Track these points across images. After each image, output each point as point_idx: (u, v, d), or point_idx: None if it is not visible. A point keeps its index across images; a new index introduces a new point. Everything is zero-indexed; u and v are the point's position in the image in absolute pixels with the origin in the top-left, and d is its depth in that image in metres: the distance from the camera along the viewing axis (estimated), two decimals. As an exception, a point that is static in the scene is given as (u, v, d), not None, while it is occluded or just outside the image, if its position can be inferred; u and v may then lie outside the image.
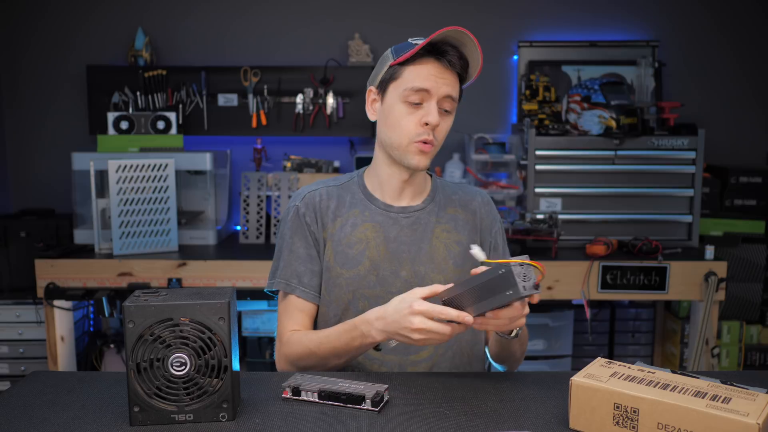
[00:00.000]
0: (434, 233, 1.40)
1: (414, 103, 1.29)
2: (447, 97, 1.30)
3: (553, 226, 2.62)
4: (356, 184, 1.43)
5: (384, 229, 1.38)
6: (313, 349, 1.30)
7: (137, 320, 1.01)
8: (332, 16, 3.27)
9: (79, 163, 2.79)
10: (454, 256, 1.39)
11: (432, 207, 1.42)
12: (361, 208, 1.40)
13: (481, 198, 1.48)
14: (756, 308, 3.00)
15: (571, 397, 1.02)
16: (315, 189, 1.43)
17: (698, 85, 3.31)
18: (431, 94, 1.28)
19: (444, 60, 1.28)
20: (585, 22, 3.28)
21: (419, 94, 1.28)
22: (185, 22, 3.26)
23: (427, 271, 1.37)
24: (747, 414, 0.89)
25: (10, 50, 3.26)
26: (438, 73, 1.28)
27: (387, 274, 1.36)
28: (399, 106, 1.31)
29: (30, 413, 1.08)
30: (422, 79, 1.28)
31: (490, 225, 1.47)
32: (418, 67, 1.29)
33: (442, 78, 1.28)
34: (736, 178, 3.06)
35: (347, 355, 1.29)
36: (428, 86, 1.28)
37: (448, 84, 1.29)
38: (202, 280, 2.59)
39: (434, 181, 1.47)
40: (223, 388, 1.04)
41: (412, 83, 1.29)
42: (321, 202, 1.40)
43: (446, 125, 1.33)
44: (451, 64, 1.28)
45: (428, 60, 1.28)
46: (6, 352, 2.80)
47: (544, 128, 2.87)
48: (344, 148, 3.31)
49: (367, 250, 1.36)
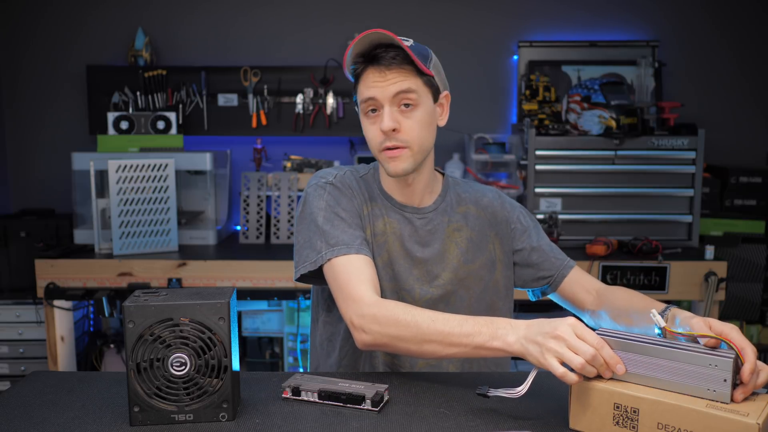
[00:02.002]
0: (446, 233, 1.40)
1: (371, 111, 1.30)
2: (398, 95, 1.27)
3: (553, 226, 2.62)
4: (372, 178, 1.42)
5: (400, 227, 1.38)
6: (420, 322, 1.14)
7: (137, 320, 1.01)
8: (332, 17, 3.27)
9: (79, 163, 2.79)
10: (464, 253, 1.39)
11: (443, 207, 1.42)
12: (380, 201, 1.39)
13: (491, 193, 1.47)
14: (756, 308, 3.00)
15: (571, 397, 1.02)
16: (343, 173, 1.40)
17: (698, 85, 3.31)
18: (378, 99, 1.28)
19: (378, 64, 1.27)
20: (585, 22, 3.28)
21: (369, 103, 1.29)
22: (185, 22, 3.26)
23: (438, 271, 1.37)
24: (747, 414, 0.89)
25: (10, 50, 3.26)
26: (377, 78, 1.27)
27: (401, 270, 1.36)
28: (363, 119, 1.33)
29: (30, 413, 1.08)
30: (367, 89, 1.28)
31: (507, 215, 1.44)
32: (363, 80, 1.30)
33: (383, 81, 1.27)
34: (736, 178, 3.06)
35: (458, 347, 1.12)
36: (372, 94, 1.27)
37: (393, 82, 1.27)
38: (202, 280, 2.59)
39: (446, 180, 1.46)
40: (223, 388, 1.04)
41: (361, 95, 1.30)
42: (353, 184, 1.38)
43: (412, 122, 1.29)
44: (386, 66, 1.26)
45: (367, 69, 1.29)
46: (6, 352, 2.80)
47: (544, 128, 2.87)
48: (344, 148, 3.31)
49: (386, 244, 1.36)
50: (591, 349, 0.98)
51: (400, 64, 1.27)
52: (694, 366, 0.95)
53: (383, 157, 1.31)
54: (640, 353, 0.99)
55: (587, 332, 1.01)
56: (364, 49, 1.28)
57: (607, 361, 0.99)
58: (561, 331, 1.01)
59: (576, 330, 1.01)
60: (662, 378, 0.97)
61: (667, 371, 0.97)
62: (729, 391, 0.92)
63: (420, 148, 1.31)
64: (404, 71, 1.27)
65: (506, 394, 1.05)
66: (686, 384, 0.95)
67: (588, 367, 0.98)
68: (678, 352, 0.96)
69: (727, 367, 0.92)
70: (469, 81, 3.23)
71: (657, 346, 0.98)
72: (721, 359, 0.93)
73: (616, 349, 1.01)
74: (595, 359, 0.98)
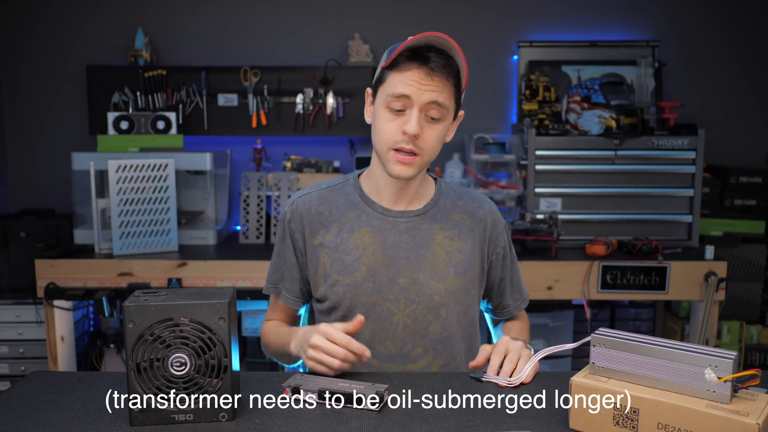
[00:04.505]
0: (435, 239, 1.36)
1: (396, 109, 1.26)
2: (432, 104, 1.24)
3: (553, 226, 2.62)
4: (351, 186, 1.40)
5: (382, 234, 1.35)
6: (269, 342, 1.42)
7: (137, 320, 1.01)
8: (332, 16, 3.27)
9: (79, 163, 2.79)
10: (456, 265, 1.36)
11: (434, 212, 1.39)
12: (358, 212, 1.37)
13: (488, 206, 1.44)
14: (756, 308, 3.00)
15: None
16: (306, 194, 1.41)
17: (698, 85, 3.31)
18: (412, 100, 1.24)
19: (426, 66, 1.23)
20: (585, 22, 3.28)
21: (401, 100, 1.25)
22: (185, 22, 3.26)
23: (426, 278, 1.34)
24: (747, 414, 0.89)
25: (10, 50, 3.26)
26: (420, 79, 1.23)
27: (384, 281, 1.34)
28: (383, 112, 1.28)
29: (30, 413, 1.08)
30: (403, 85, 1.24)
31: (496, 237, 1.44)
32: (400, 73, 1.25)
33: (425, 84, 1.23)
34: (736, 178, 3.06)
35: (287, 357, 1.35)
36: (409, 92, 1.24)
37: (433, 90, 1.24)
38: (202, 280, 2.59)
39: (438, 185, 1.43)
40: (223, 388, 1.04)
41: (394, 89, 1.25)
42: (311, 209, 1.38)
43: (433, 134, 1.27)
44: (433, 70, 1.23)
45: (411, 65, 1.24)
46: (6, 352, 2.80)
47: (544, 128, 2.87)
48: (344, 148, 3.31)
49: (363, 257, 1.34)
50: (341, 350, 1.16)
51: (446, 74, 1.24)
52: (694, 366, 0.95)
53: (391, 157, 1.28)
54: (640, 353, 0.99)
55: (336, 334, 1.17)
56: (419, 45, 1.23)
57: (357, 353, 1.16)
58: (315, 340, 1.17)
59: (327, 335, 1.17)
60: (662, 378, 0.97)
61: (667, 371, 0.97)
62: (729, 391, 0.92)
63: (429, 159, 1.31)
64: (446, 83, 1.25)
65: (501, 381, 1.06)
66: (686, 384, 0.95)
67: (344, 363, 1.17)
68: (678, 353, 0.96)
69: (727, 367, 0.92)
70: (470, 81, 3.19)
71: (657, 347, 0.98)
72: (721, 359, 0.93)
73: (616, 349, 1.01)
74: (347, 357, 1.16)
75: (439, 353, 1.36)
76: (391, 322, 1.34)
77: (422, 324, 1.34)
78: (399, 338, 1.34)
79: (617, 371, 1.01)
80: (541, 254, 2.62)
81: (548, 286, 2.54)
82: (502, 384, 1.17)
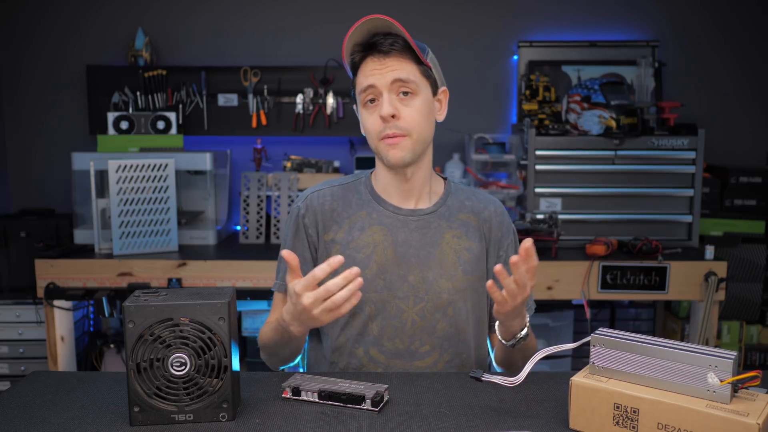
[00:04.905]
0: (444, 238, 1.38)
1: (370, 101, 1.31)
2: (396, 82, 1.29)
3: (553, 226, 2.62)
4: (363, 185, 1.42)
5: (392, 232, 1.37)
6: (265, 340, 1.36)
7: (137, 320, 1.01)
8: (332, 16, 3.27)
9: (79, 163, 2.79)
10: (464, 263, 1.38)
11: (443, 210, 1.40)
12: (369, 209, 1.39)
13: (494, 207, 1.45)
14: (756, 308, 3.00)
15: (571, 397, 1.02)
16: (319, 190, 1.42)
17: (698, 85, 3.31)
18: (378, 87, 1.29)
19: (377, 51, 1.29)
20: (585, 22, 3.28)
21: (369, 92, 1.30)
22: (185, 22, 3.26)
23: (435, 277, 1.36)
24: (747, 414, 0.89)
25: (10, 50, 3.26)
26: (376, 65, 1.29)
27: (394, 278, 1.35)
28: (362, 111, 1.34)
29: (30, 413, 1.08)
30: (366, 78, 1.30)
31: (501, 237, 1.44)
32: (361, 70, 1.31)
33: (382, 68, 1.28)
34: (736, 178, 3.06)
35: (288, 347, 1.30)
36: (372, 81, 1.29)
37: (392, 69, 1.28)
38: (202, 280, 2.59)
39: (448, 185, 1.45)
40: (223, 388, 1.04)
41: (360, 85, 1.31)
42: (324, 205, 1.39)
43: (411, 110, 1.30)
44: (384, 53, 1.28)
45: (365, 59, 1.30)
46: (6, 352, 2.80)
47: (544, 128, 2.87)
48: (344, 148, 3.31)
49: (374, 254, 1.35)
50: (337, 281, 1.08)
51: (399, 52, 1.29)
52: (694, 366, 0.95)
53: (382, 146, 1.31)
54: (640, 353, 0.99)
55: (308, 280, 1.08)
56: (362, 38, 1.29)
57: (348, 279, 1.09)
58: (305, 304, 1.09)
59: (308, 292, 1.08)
60: (662, 378, 0.97)
61: (667, 371, 0.97)
62: (729, 391, 0.92)
63: (419, 137, 1.32)
64: (403, 59, 1.29)
65: (502, 381, 1.06)
66: (686, 384, 0.95)
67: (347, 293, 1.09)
68: (678, 353, 0.96)
69: (728, 367, 0.92)
70: (470, 81, 3.23)
71: (657, 347, 0.98)
72: (721, 359, 0.93)
73: (616, 349, 1.01)
74: (334, 285, 1.08)
75: (446, 351, 1.37)
76: (400, 319, 1.35)
77: (430, 321, 1.36)
78: (407, 335, 1.35)
79: (617, 371, 1.01)
80: (541, 254, 2.61)
81: (548, 286, 2.55)
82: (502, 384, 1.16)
